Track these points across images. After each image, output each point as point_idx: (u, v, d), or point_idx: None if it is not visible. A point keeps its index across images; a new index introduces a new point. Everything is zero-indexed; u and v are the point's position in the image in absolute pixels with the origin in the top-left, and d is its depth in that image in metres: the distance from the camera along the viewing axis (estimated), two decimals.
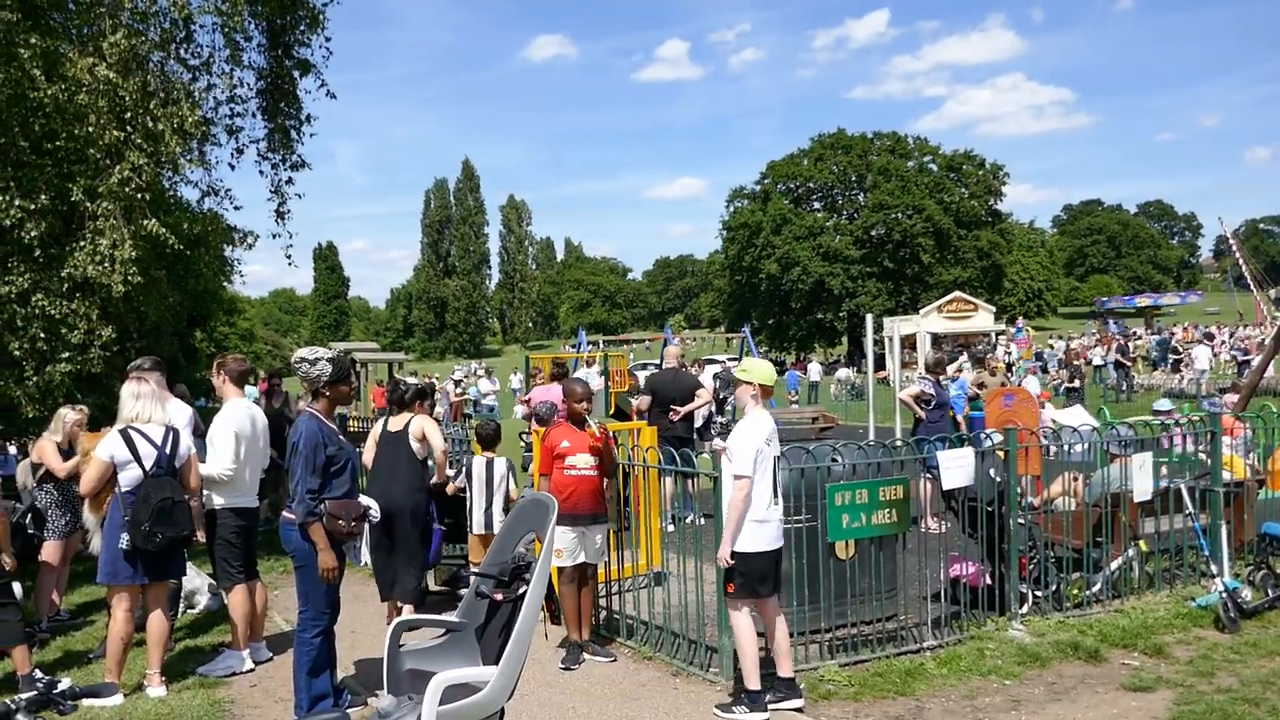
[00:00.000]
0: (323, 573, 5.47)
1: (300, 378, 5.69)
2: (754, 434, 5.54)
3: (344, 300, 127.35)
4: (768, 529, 5.54)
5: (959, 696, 5.80)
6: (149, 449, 6.00)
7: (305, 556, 5.51)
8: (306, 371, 5.60)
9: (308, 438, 5.42)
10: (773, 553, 5.58)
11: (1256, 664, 6.13)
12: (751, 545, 5.49)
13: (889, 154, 71.43)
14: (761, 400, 5.76)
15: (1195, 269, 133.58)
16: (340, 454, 5.56)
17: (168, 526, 5.90)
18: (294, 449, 5.44)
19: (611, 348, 35.50)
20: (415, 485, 7.20)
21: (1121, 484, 7.55)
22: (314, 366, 5.58)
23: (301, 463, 5.39)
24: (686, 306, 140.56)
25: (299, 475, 5.40)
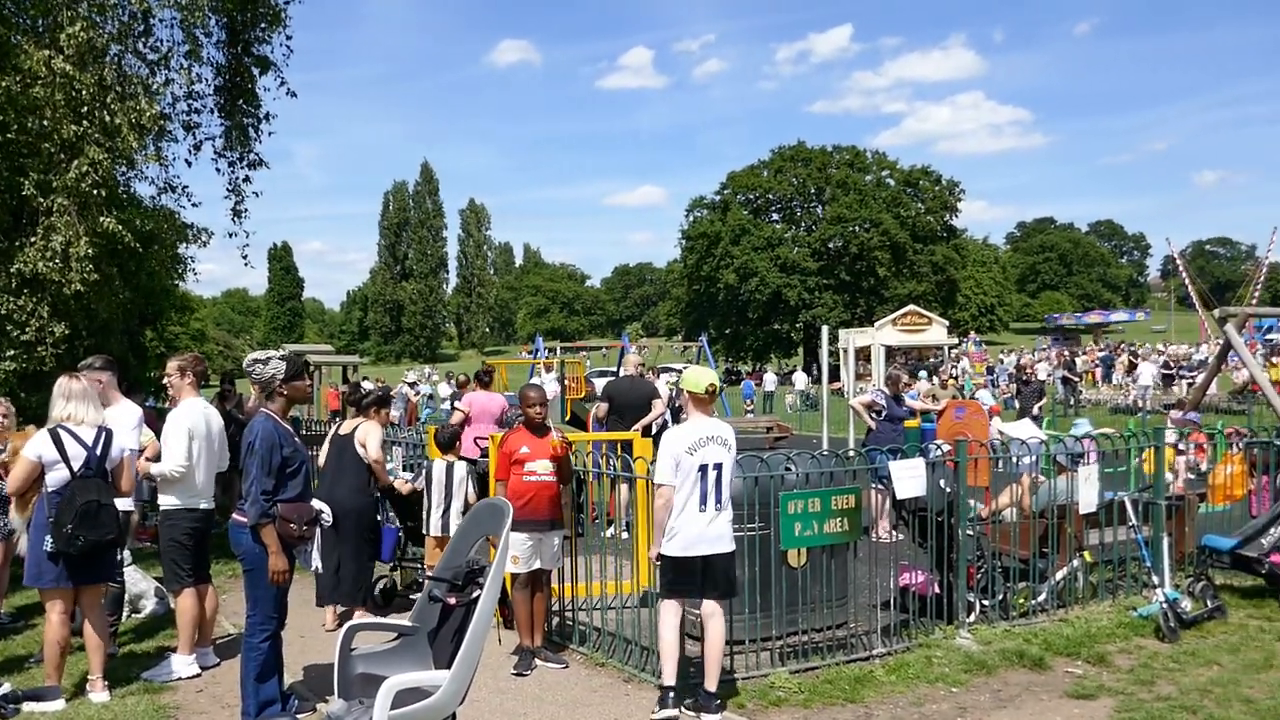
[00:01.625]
0: (273, 576, 5.42)
1: (253, 380, 5.64)
2: (675, 443, 5.59)
3: (298, 302, 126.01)
4: (691, 535, 5.55)
5: (907, 703, 5.88)
6: (78, 450, 5.84)
7: (255, 560, 5.46)
8: (260, 373, 5.55)
9: (264, 438, 5.37)
10: (697, 559, 5.56)
11: (1195, 673, 6.28)
12: (674, 550, 5.57)
13: (848, 168, 72.11)
14: (697, 408, 5.77)
15: (1143, 288, 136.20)
16: (295, 456, 5.53)
17: (91, 529, 5.74)
18: (249, 449, 5.38)
19: (569, 355, 35.47)
20: (358, 488, 7.38)
21: (1068, 496, 7.69)
22: (266, 366, 5.55)
23: (257, 463, 5.34)
24: (645, 315, 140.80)
25: (253, 476, 5.35)
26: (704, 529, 5.57)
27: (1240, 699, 5.73)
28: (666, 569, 5.65)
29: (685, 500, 5.57)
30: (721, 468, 5.63)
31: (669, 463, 5.57)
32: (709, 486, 5.59)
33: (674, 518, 5.58)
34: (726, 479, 5.67)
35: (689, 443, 5.59)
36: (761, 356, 71.82)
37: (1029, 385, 20.11)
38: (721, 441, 5.68)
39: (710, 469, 5.59)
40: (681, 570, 5.58)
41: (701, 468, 5.57)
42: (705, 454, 5.59)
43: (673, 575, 5.63)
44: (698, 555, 5.56)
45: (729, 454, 5.71)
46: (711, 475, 5.59)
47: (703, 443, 5.60)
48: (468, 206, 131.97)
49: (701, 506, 5.57)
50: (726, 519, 5.68)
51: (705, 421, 5.74)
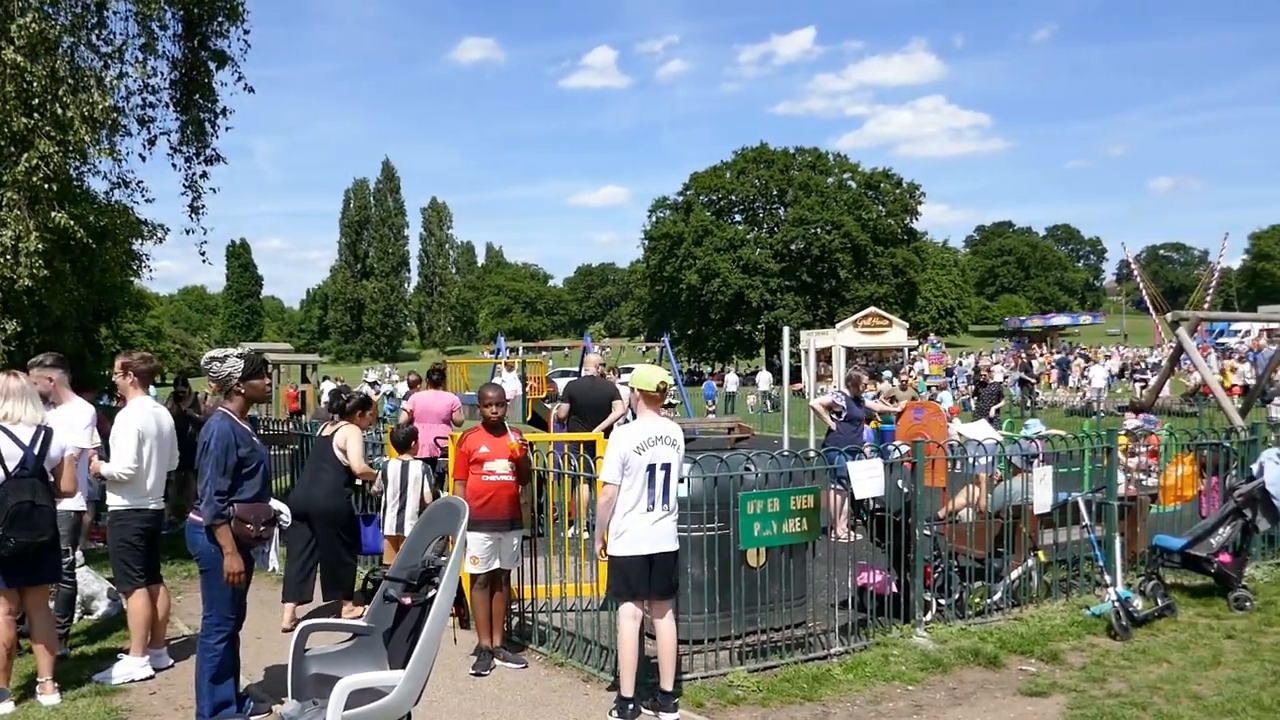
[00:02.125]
0: (228, 577, 5.35)
1: (211, 378, 5.57)
2: (624, 442, 5.58)
3: (257, 300, 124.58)
4: (639, 534, 5.54)
5: (864, 701, 5.92)
6: (13, 449, 5.71)
7: (211, 560, 5.39)
8: (217, 371, 5.49)
9: (219, 437, 5.31)
10: (643, 558, 5.55)
11: (1145, 670, 6.38)
12: (620, 550, 5.57)
13: (810, 170, 72.55)
14: (648, 406, 5.76)
15: (1099, 291, 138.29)
16: (252, 455, 5.47)
17: (23, 531, 5.61)
18: (204, 449, 5.32)
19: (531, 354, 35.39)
20: (334, 489, 7.62)
21: (1023, 496, 7.79)
22: (224, 364, 5.48)
23: (211, 463, 5.27)
24: (607, 315, 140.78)
25: (208, 476, 5.28)
26: (650, 528, 5.55)
27: (1189, 695, 5.83)
28: (613, 568, 5.64)
29: (634, 500, 5.55)
30: (670, 468, 5.61)
31: (616, 461, 5.55)
32: (657, 487, 5.57)
33: (621, 517, 5.57)
34: (675, 480, 5.65)
35: (637, 442, 5.57)
36: (724, 357, 72.11)
37: (986, 387, 20.33)
38: (670, 442, 5.66)
39: (659, 469, 5.57)
40: (628, 569, 5.56)
41: (650, 467, 5.55)
42: (654, 454, 5.57)
43: (619, 574, 5.61)
44: (643, 554, 5.55)
45: (678, 454, 5.68)
46: (660, 476, 5.57)
47: (651, 442, 5.58)
48: (429, 205, 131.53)
49: (649, 506, 5.56)
50: (673, 519, 5.66)
51: (655, 421, 5.72)
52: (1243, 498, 8.08)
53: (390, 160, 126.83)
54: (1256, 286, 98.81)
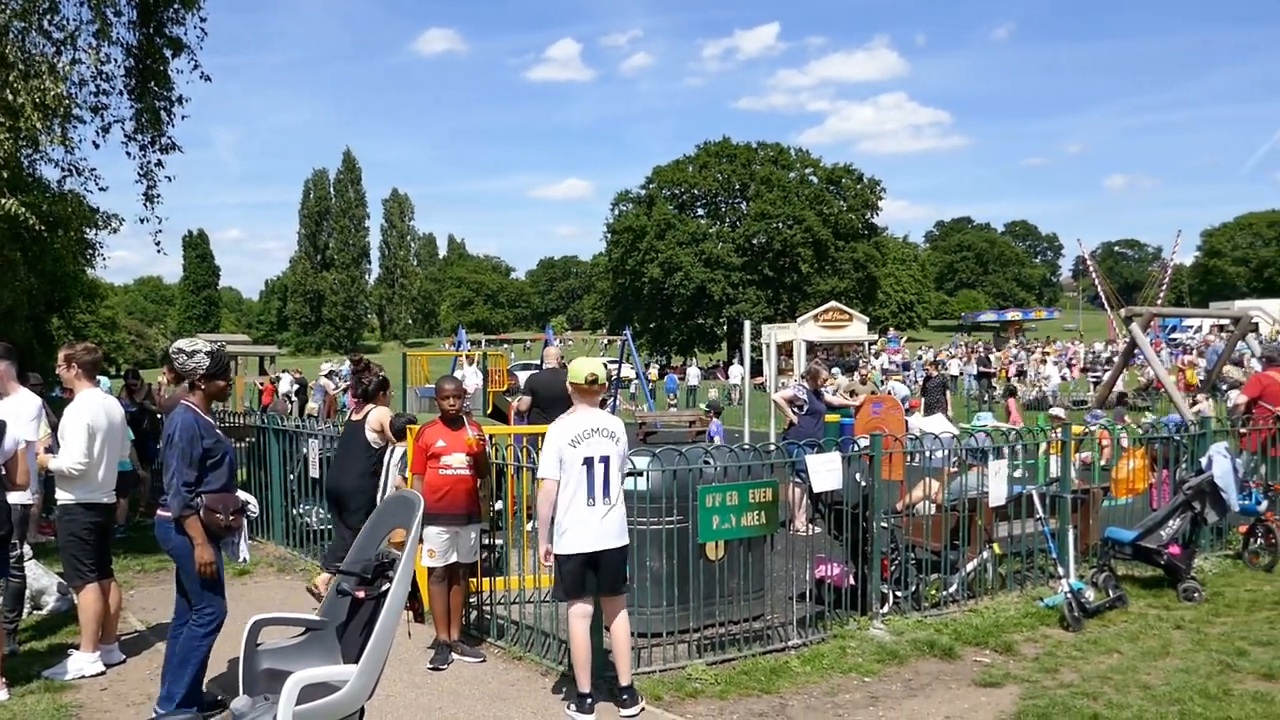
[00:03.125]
0: (200, 567, 5.33)
1: (176, 369, 5.53)
2: (558, 435, 5.53)
3: (214, 290, 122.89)
4: (581, 531, 5.49)
5: (821, 693, 5.96)
6: None
7: (186, 552, 5.38)
8: (184, 364, 5.44)
9: (183, 430, 5.30)
10: (589, 555, 5.49)
11: (1096, 660, 6.48)
12: (563, 549, 5.51)
13: (772, 164, 72.80)
14: (581, 399, 5.70)
15: (1056, 287, 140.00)
16: (217, 447, 5.46)
17: None
18: (169, 441, 5.31)
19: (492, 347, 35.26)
20: (363, 471, 7.58)
21: (978, 489, 7.87)
22: (191, 359, 5.44)
23: (177, 455, 5.26)
24: (569, 308, 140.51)
25: (174, 468, 5.27)
26: (594, 524, 5.48)
27: (1138, 685, 5.93)
28: (559, 568, 5.57)
29: (572, 494, 5.49)
30: (609, 461, 5.54)
31: (552, 456, 5.49)
32: (596, 480, 5.50)
33: (562, 513, 5.50)
34: (616, 472, 5.58)
35: (571, 435, 5.52)
36: (686, 351, 72.21)
37: (931, 380, 20.54)
38: (608, 434, 5.59)
39: (596, 462, 5.50)
40: (573, 569, 5.51)
41: (587, 460, 5.49)
42: (590, 446, 5.51)
43: (566, 574, 5.55)
44: (588, 551, 5.49)
45: (617, 446, 5.61)
46: (599, 469, 5.50)
47: (586, 435, 5.52)
48: (391, 196, 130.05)
49: (589, 500, 5.49)
50: (619, 513, 5.59)
51: (591, 413, 5.66)
52: (1192, 491, 8.23)
53: (351, 151, 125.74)
54: (1208, 283, 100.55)
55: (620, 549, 5.62)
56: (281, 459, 10.09)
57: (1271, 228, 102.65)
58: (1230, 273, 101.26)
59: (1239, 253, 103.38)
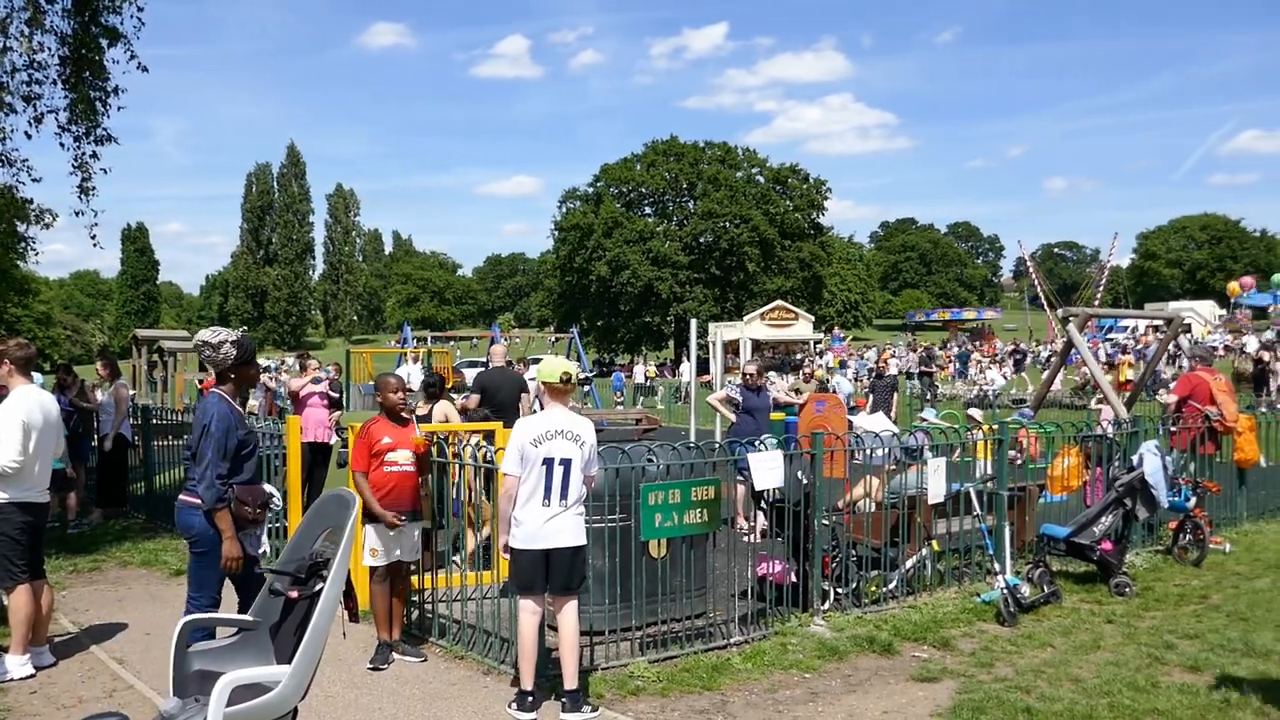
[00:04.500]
0: (227, 561, 5.29)
1: (205, 361, 5.55)
2: (522, 434, 5.55)
3: (153, 285, 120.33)
4: (533, 528, 5.51)
5: (761, 690, 6.01)
6: None
7: (208, 542, 5.33)
8: (211, 356, 5.45)
9: (220, 420, 5.30)
10: (539, 552, 5.51)
11: (1030, 654, 6.61)
12: (516, 543, 5.55)
13: (719, 164, 73.14)
14: (553, 398, 5.71)
15: (997, 287, 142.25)
16: (249, 438, 5.52)
17: None
18: (204, 431, 5.29)
19: (438, 344, 35.01)
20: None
21: (918, 487, 7.98)
22: (218, 351, 5.45)
23: (212, 446, 5.25)
24: (517, 305, 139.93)
25: (209, 459, 5.24)
26: (548, 523, 5.50)
27: (1070, 678, 6.06)
28: (512, 561, 5.62)
29: (530, 493, 5.52)
30: (570, 464, 5.54)
31: (514, 453, 5.53)
32: (554, 481, 5.51)
33: (518, 509, 5.54)
34: (576, 475, 5.57)
35: (535, 435, 5.53)
36: (633, 349, 72.29)
37: (882, 380, 20.78)
38: (572, 437, 5.58)
39: (557, 463, 5.51)
40: (525, 563, 5.53)
41: (547, 461, 5.50)
42: (552, 447, 5.52)
43: (517, 568, 5.59)
44: (540, 549, 5.50)
45: (580, 450, 5.59)
46: (558, 470, 5.52)
47: (550, 436, 5.53)
48: (335, 192, 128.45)
49: (545, 500, 5.51)
50: (574, 514, 5.59)
51: (559, 414, 5.67)
52: (1123, 488, 8.41)
53: (295, 145, 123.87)
54: (1144, 284, 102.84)
55: (573, 549, 5.60)
56: None
57: (1204, 231, 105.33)
58: (1165, 274, 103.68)
59: (1173, 255, 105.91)
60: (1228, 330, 48.20)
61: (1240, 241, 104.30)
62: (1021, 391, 33.01)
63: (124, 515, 11.82)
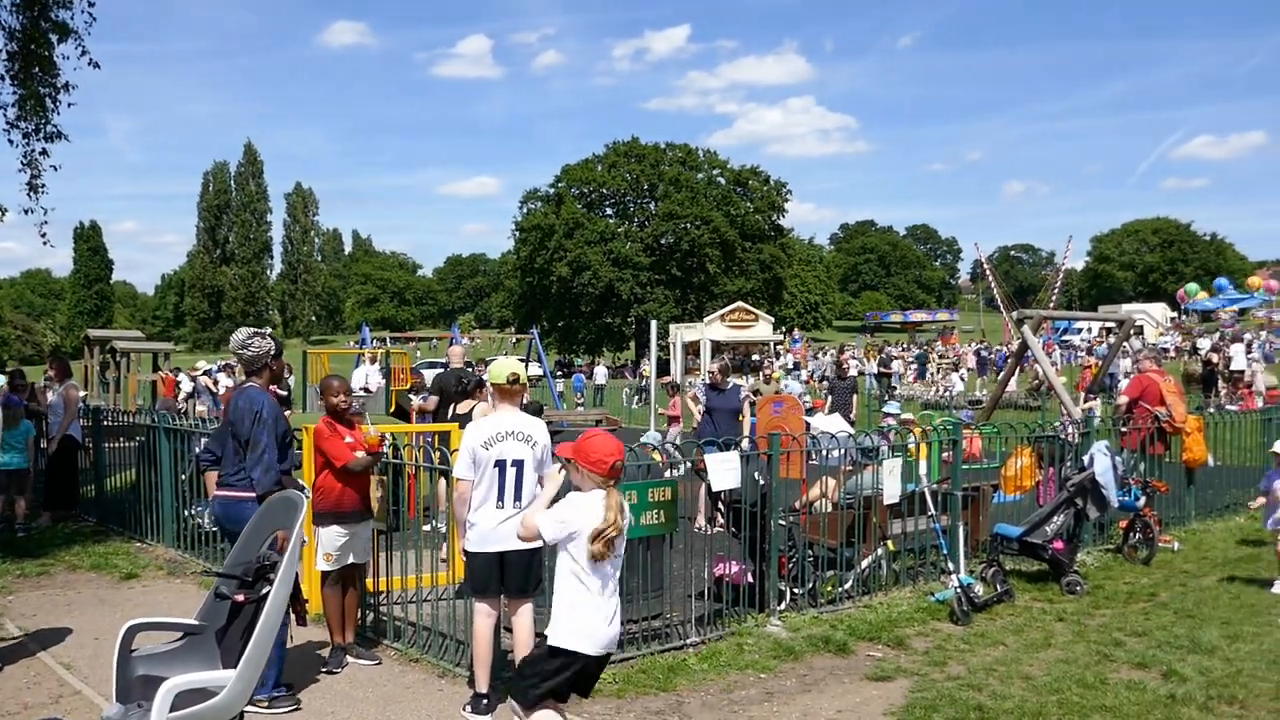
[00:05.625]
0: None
1: (244, 360, 5.76)
2: (473, 437, 5.52)
3: (107, 284, 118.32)
4: (486, 530, 5.48)
5: (717, 690, 6.03)
6: None
7: None
8: (257, 348, 5.70)
9: (271, 408, 5.47)
10: (493, 554, 5.48)
11: (983, 653, 6.68)
12: (471, 546, 5.53)
13: (680, 165, 73.29)
14: (503, 400, 5.67)
15: (954, 289, 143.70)
16: (290, 429, 5.72)
17: None
18: (257, 418, 5.45)
19: (397, 345, 34.76)
20: None
21: (873, 487, 8.04)
22: (261, 346, 5.72)
23: (268, 433, 5.41)
24: (477, 306, 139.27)
25: (264, 444, 5.40)
26: (502, 525, 5.46)
27: (1021, 676, 6.13)
28: (467, 564, 5.60)
29: (483, 496, 5.50)
30: (522, 465, 5.51)
31: (466, 457, 5.49)
32: (507, 483, 5.49)
33: (474, 512, 5.52)
34: (529, 476, 5.54)
35: (485, 437, 5.50)
36: (594, 350, 72.20)
37: (844, 381, 20.89)
38: (524, 438, 5.55)
39: (509, 465, 5.49)
40: (479, 565, 5.51)
41: (499, 463, 5.47)
42: (503, 449, 5.49)
43: (471, 571, 5.56)
44: (494, 551, 5.48)
45: (532, 450, 5.56)
46: (510, 472, 5.49)
47: (500, 438, 5.50)
48: (294, 191, 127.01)
49: (499, 503, 5.49)
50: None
51: (509, 416, 5.63)
52: (1075, 487, 8.54)
53: (253, 143, 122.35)
54: (1098, 287, 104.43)
55: (527, 551, 5.53)
56: (173, 459, 9.79)
57: (1156, 234, 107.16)
58: (1118, 277, 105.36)
59: (1126, 258, 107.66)
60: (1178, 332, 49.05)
61: (1191, 245, 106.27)
62: (978, 392, 33.37)
63: (73, 518, 11.62)
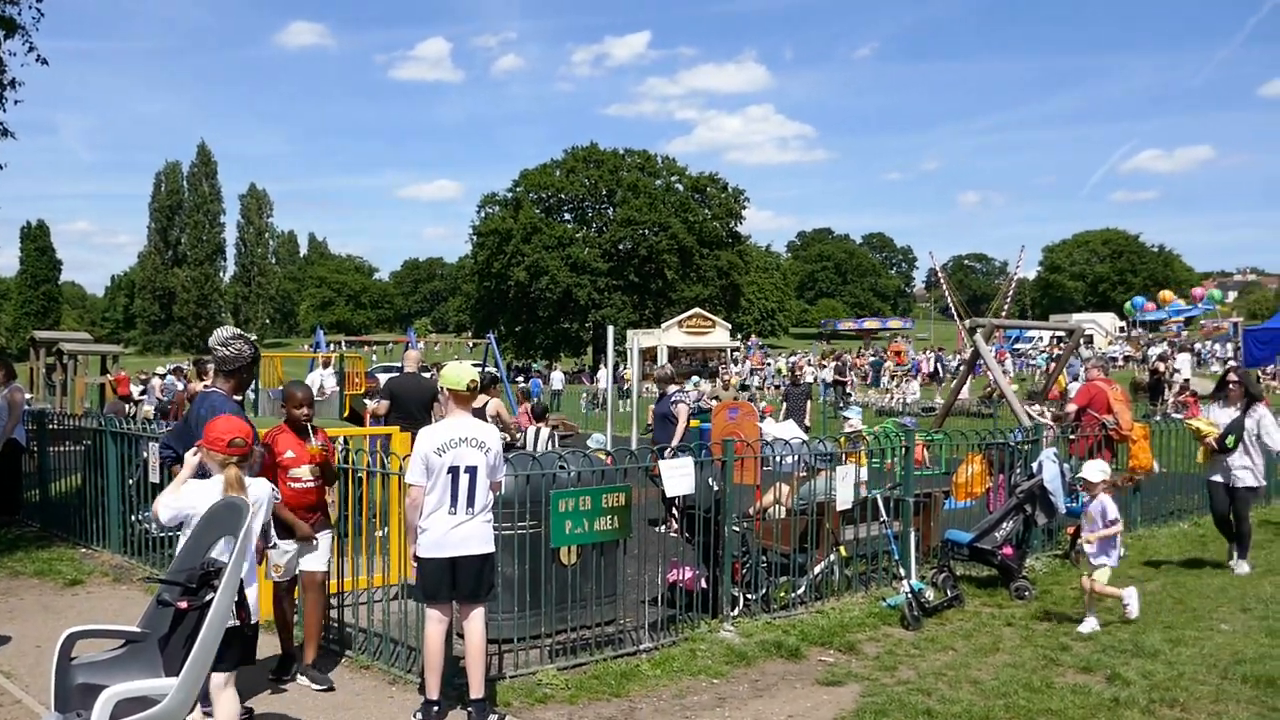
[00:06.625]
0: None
1: (219, 361, 5.73)
2: (425, 443, 5.49)
3: (55, 285, 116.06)
4: (438, 536, 5.44)
5: (670, 696, 6.03)
6: None
7: None
8: (234, 351, 5.68)
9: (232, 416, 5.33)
10: (445, 560, 5.44)
11: (933, 657, 6.75)
12: (422, 552, 5.49)
13: (638, 171, 73.35)
14: (458, 406, 5.65)
15: (910, 297, 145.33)
16: (254, 436, 5.52)
17: None
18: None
19: (353, 349, 34.46)
20: None
21: (827, 493, 8.10)
22: (242, 346, 5.73)
23: None
24: (434, 310, 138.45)
25: None
26: (454, 531, 5.44)
27: (969, 680, 6.20)
28: (419, 569, 5.55)
29: (436, 502, 5.46)
30: (475, 471, 5.49)
31: (419, 463, 5.46)
32: (460, 489, 5.46)
33: (425, 518, 5.47)
34: (482, 482, 5.52)
35: (438, 443, 5.47)
36: (551, 355, 72.01)
37: (798, 388, 21.07)
38: (477, 444, 5.54)
39: (462, 471, 5.46)
40: (430, 571, 5.47)
41: (452, 469, 5.45)
42: (456, 455, 5.46)
43: (423, 576, 5.52)
44: (445, 557, 5.44)
45: (485, 457, 5.54)
46: (464, 478, 5.46)
47: (454, 444, 5.48)
48: (249, 192, 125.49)
49: (451, 509, 5.46)
50: (481, 521, 5.53)
51: (463, 421, 5.60)
52: (1024, 494, 8.66)
53: (206, 143, 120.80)
54: (1049, 296, 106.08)
55: (480, 556, 5.53)
56: (120, 463, 9.62)
57: (1106, 245, 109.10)
58: (1069, 287, 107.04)
59: (1077, 268, 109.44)
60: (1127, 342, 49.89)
61: (1139, 256, 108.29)
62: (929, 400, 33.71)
63: (16, 524, 11.37)
